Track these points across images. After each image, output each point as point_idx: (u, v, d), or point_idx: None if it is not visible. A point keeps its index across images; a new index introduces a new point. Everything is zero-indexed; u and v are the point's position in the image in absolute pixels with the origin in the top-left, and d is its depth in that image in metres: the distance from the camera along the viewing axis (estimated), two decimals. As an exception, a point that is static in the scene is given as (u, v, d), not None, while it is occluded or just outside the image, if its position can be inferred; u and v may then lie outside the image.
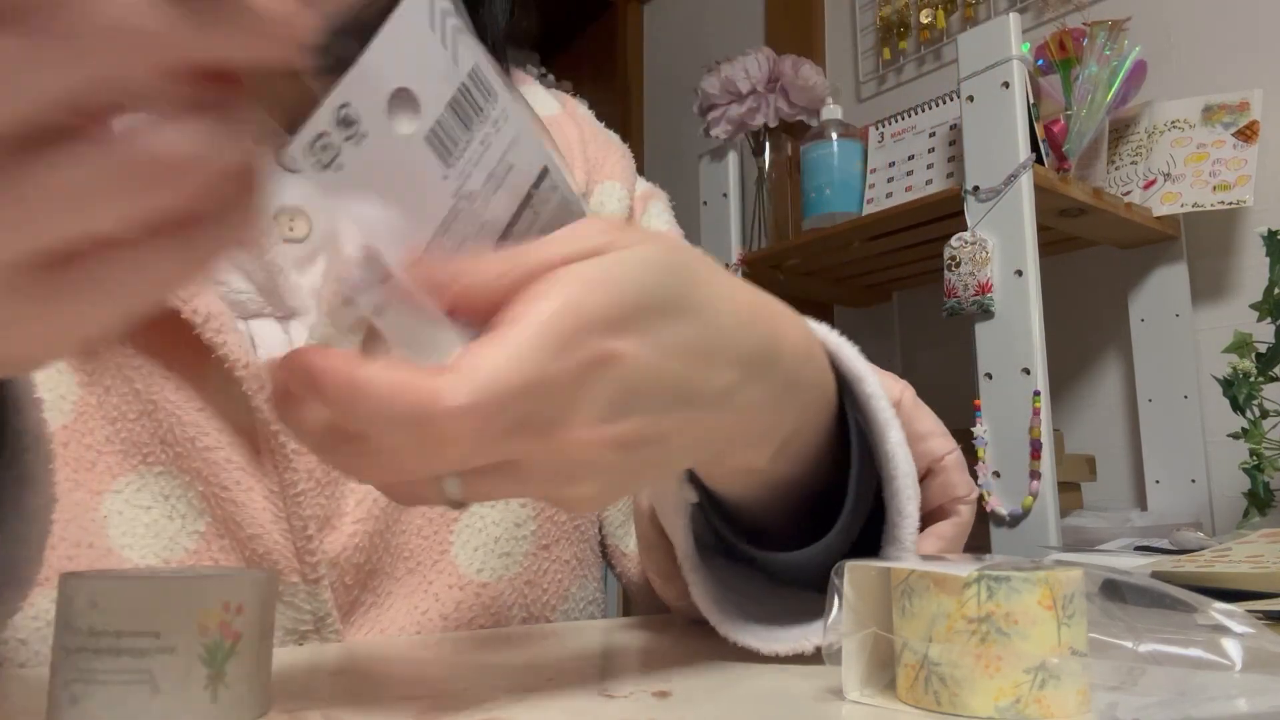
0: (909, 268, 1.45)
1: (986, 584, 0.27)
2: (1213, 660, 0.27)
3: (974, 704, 0.27)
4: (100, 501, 0.42)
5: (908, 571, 0.29)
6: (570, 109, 0.63)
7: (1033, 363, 1.05)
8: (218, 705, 0.26)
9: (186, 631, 0.25)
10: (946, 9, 1.58)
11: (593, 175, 0.59)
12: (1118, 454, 1.32)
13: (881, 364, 0.42)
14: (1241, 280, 1.22)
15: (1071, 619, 0.27)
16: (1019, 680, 0.27)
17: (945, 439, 0.45)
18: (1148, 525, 1.08)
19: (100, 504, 0.42)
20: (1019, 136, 1.07)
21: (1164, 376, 1.23)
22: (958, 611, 0.27)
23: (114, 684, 0.25)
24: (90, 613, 0.25)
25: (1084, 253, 1.34)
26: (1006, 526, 1.05)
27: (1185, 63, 1.27)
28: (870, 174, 1.36)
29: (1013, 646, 0.27)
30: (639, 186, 0.63)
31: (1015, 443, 1.05)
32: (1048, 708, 0.27)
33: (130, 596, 0.25)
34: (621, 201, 0.59)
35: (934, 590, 0.28)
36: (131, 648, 0.25)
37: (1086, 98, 1.14)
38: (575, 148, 0.58)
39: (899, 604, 0.29)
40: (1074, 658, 0.27)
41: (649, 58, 2.34)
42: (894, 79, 1.69)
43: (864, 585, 0.31)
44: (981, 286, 1.07)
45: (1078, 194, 1.12)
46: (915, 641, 0.28)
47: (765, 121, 1.45)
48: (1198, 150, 1.19)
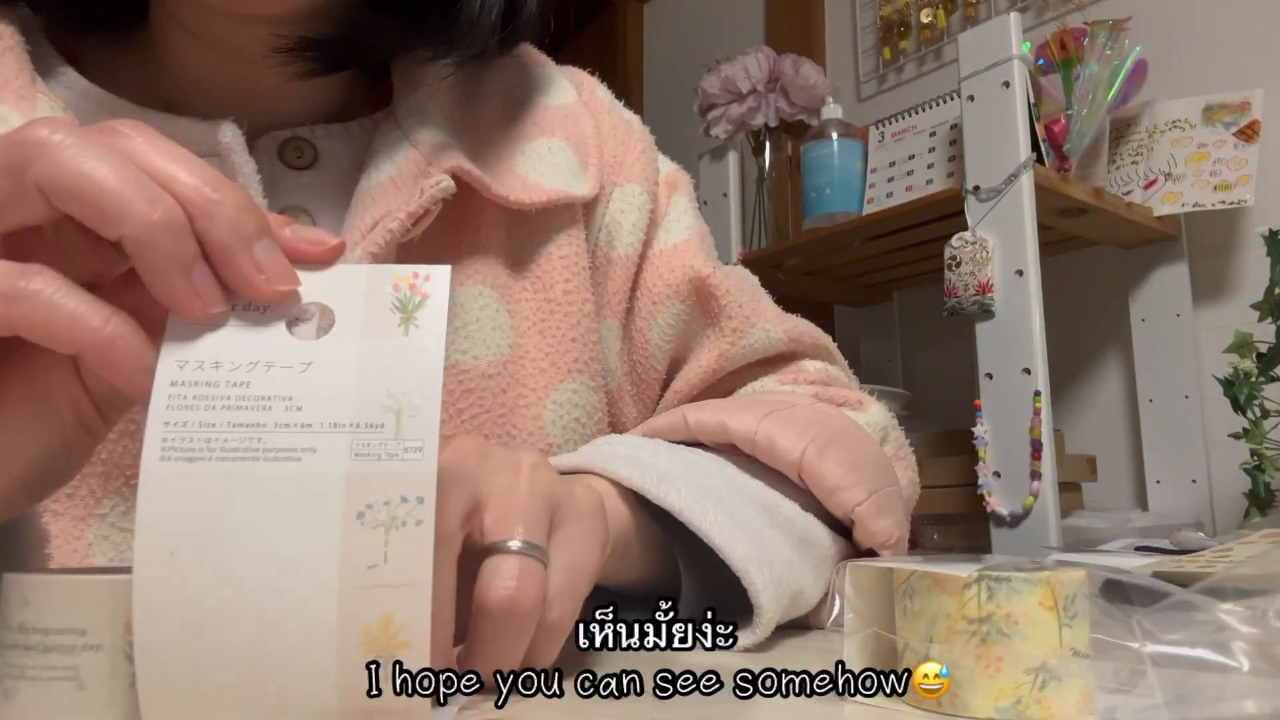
0: (909, 267, 1.44)
1: (987, 584, 0.27)
2: (1219, 662, 0.26)
3: (974, 704, 0.27)
4: (85, 529, 0.41)
5: (909, 572, 0.29)
6: (587, 94, 0.60)
7: (1033, 363, 1.04)
8: None
9: (112, 629, 0.26)
10: (947, 8, 1.58)
11: (609, 177, 0.57)
12: (1118, 454, 1.32)
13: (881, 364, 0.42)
14: (1242, 280, 1.22)
15: (1073, 620, 0.27)
16: (1020, 681, 0.26)
17: (856, 489, 0.46)
18: (1148, 525, 1.07)
19: (85, 531, 0.41)
20: (1019, 136, 1.07)
21: (1165, 376, 1.23)
22: (958, 612, 0.27)
23: (42, 680, 0.25)
24: (22, 610, 0.26)
25: (1085, 252, 1.34)
26: (1007, 527, 1.05)
27: (1186, 62, 1.27)
28: (870, 173, 1.36)
29: (1013, 647, 0.27)
30: (663, 170, 0.61)
31: (1016, 443, 1.05)
32: (1049, 709, 0.26)
33: (58, 594, 0.26)
34: (642, 209, 0.57)
35: (935, 591, 0.28)
36: (59, 644, 0.25)
37: (1087, 97, 1.14)
38: (591, 145, 0.56)
39: (901, 604, 0.29)
40: (1075, 659, 0.27)
41: (649, 57, 2.34)
42: (894, 78, 1.68)
43: (866, 585, 0.31)
44: (982, 286, 1.07)
45: (1078, 194, 1.12)
46: (916, 642, 0.28)
47: (765, 121, 1.45)
48: (1198, 150, 1.19)
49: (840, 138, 1.36)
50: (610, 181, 0.57)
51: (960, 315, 1.10)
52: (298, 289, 0.27)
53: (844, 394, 0.56)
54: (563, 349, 0.53)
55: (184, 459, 0.24)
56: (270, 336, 0.27)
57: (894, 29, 1.66)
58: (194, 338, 0.26)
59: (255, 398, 0.25)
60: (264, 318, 0.27)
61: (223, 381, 0.26)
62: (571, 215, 0.55)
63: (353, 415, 0.25)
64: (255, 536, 0.24)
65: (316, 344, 0.27)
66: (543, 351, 0.52)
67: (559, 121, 0.56)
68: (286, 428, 0.25)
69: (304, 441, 0.25)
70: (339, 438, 0.25)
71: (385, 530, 0.24)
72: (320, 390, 0.26)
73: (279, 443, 0.25)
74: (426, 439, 0.25)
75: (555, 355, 0.52)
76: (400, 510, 0.25)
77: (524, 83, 0.58)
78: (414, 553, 0.25)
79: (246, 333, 0.27)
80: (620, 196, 0.57)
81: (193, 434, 0.25)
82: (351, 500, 0.25)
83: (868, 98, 1.72)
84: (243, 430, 0.25)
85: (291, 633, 0.24)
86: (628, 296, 0.58)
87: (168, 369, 0.26)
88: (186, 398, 0.25)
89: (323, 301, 0.27)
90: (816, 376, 0.59)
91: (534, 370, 0.52)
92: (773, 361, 0.60)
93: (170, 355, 0.26)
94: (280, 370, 0.26)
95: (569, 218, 0.54)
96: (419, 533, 0.25)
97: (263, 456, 0.25)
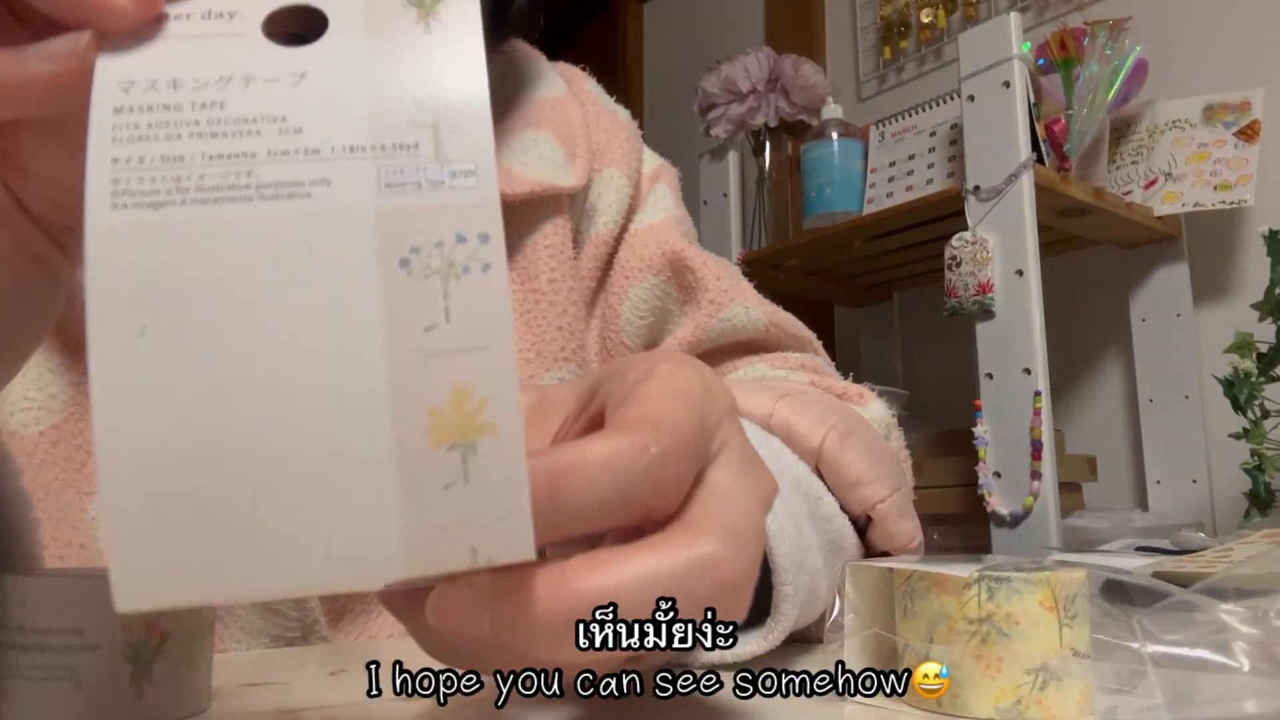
0: (909, 267, 1.44)
1: (987, 585, 0.27)
2: (1220, 662, 0.26)
3: (975, 705, 0.27)
4: (89, 502, 0.41)
5: (909, 572, 0.29)
6: (576, 87, 0.60)
7: (1033, 363, 1.04)
8: (144, 702, 0.26)
9: (109, 629, 0.25)
10: (947, 8, 1.58)
11: (594, 163, 0.57)
12: (1119, 454, 1.32)
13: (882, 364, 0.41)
14: (1243, 280, 1.22)
15: (1074, 620, 0.27)
16: (1020, 682, 0.26)
17: (878, 484, 0.41)
18: (1149, 526, 1.07)
19: (89, 505, 0.41)
20: (1020, 136, 1.07)
21: (1165, 377, 1.23)
22: (958, 612, 0.27)
23: (39, 680, 0.25)
24: (19, 610, 0.25)
25: (1085, 252, 1.34)
26: (1007, 527, 1.05)
27: (1186, 62, 1.27)
28: (871, 173, 1.36)
29: (1014, 648, 0.26)
30: (648, 164, 0.61)
31: (1016, 443, 1.05)
32: (1049, 709, 0.26)
33: (55, 595, 0.26)
34: (621, 192, 0.57)
35: (935, 591, 0.28)
36: (56, 645, 0.25)
37: (1087, 97, 1.14)
38: (579, 134, 0.56)
39: (901, 604, 0.29)
40: (1076, 659, 0.27)
41: (649, 57, 2.34)
42: (894, 78, 1.68)
43: (866, 586, 0.31)
44: (982, 286, 1.07)
45: (1079, 194, 1.11)
46: (917, 642, 0.28)
47: (765, 121, 1.45)
48: (1199, 150, 1.19)
49: (840, 137, 1.36)
50: (594, 167, 0.57)
51: (960, 315, 1.10)
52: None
53: (842, 386, 0.53)
54: (548, 338, 0.53)
55: (146, 205, 0.18)
56: (243, 45, 0.20)
57: (894, 29, 1.66)
58: (138, 52, 0.19)
59: (235, 120, 0.19)
60: (230, 25, 0.20)
61: (187, 104, 0.19)
62: (557, 205, 0.55)
63: (372, 135, 0.19)
64: (257, 302, 0.18)
65: (306, 50, 0.20)
66: (529, 341, 0.52)
67: (547, 114, 0.56)
68: (284, 155, 0.19)
69: (311, 171, 0.19)
70: (360, 164, 0.19)
71: (442, 280, 0.18)
72: (323, 106, 0.19)
73: (276, 175, 0.18)
74: (480, 158, 0.19)
75: (541, 345, 0.52)
76: (459, 253, 0.18)
77: (513, 78, 0.58)
78: (486, 305, 0.18)
79: (209, 44, 0.20)
80: (600, 180, 0.57)
81: (154, 171, 0.18)
82: (389, 244, 0.18)
83: (868, 97, 1.72)
84: (224, 163, 0.18)
85: (325, 430, 0.18)
86: (599, 276, 0.57)
87: (107, 93, 0.19)
88: (139, 126, 0.18)
89: (306, 1, 0.21)
90: (807, 365, 0.57)
91: (519, 360, 0.52)
92: (754, 347, 0.57)
93: (109, 76, 0.19)
94: (264, 85, 0.19)
95: (554, 208, 0.54)
96: (488, 280, 0.18)
97: (256, 195, 0.18)
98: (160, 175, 0.18)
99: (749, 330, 0.56)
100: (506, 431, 0.18)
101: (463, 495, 0.18)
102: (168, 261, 0.18)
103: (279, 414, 0.17)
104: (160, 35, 0.20)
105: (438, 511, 0.18)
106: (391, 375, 0.18)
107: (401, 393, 0.18)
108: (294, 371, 0.18)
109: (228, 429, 0.17)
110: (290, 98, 0.19)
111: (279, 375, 0.18)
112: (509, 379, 0.18)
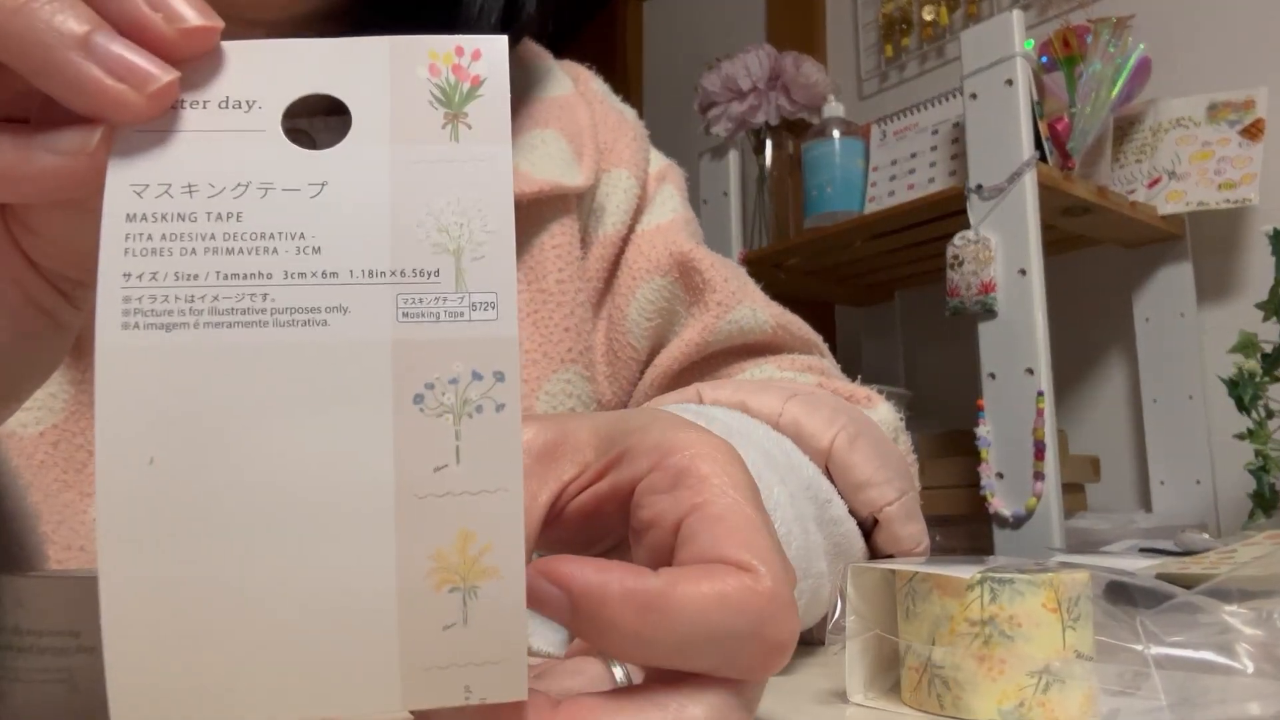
0: (911, 267, 1.44)
1: (990, 586, 0.27)
2: (1224, 664, 0.26)
3: (977, 707, 0.27)
4: (89, 504, 0.41)
5: (911, 574, 0.28)
6: (583, 86, 0.60)
7: (1036, 363, 1.04)
8: None
9: None
10: (949, 5, 1.58)
11: (600, 163, 0.57)
12: (1122, 455, 1.31)
13: (883, 364, 0.41)
14: (1247, 279, 1.21)
15: (1077, 622, 0.27)
16: (1023, 684, 0.26)
17: (886, 487, 0.41)
18: (1152, 527, 1.07)
19: (89, 506, 0.41)
20: (1022, 134, 1.06)
21: (1169, 377, 1.23)
22: (961, 614, 0.27)
23: (34, 682, 0.25)
24: (16, 611, 0.25)
25: (1088, 252, 1.33)
26: (1010, 528, 1.05)
27: (1190, 60, 1.27)
28: (872, 172, 1.35)
29: (1016, 649, 0.26)
30: (654, 164, 0.61)
31: (1019, 443, 1.04)
32: (1052, 711, 0.26)
33: (52, 596, 0.25)
34: (629, 192, 0.57)
35: (937, 593, 0.27)
36: (52, 646, 0.25)
37: (1090, 95, 1.13)
38: (586, 135, 0.56)
39: (903, 606, 0.29)
40: (1078, 661, 0.26)
41: (649, 55, 2.34)
42: (896, 76, 1.68)
43: (868, 588, 0.30)
44: (984, 286, 1.07)
45: (1082, 192, 1.11)
46: (919, 644, 0.28)
47: (766, 119, 1.44)
48: (1203, 148, 1.19)
49: (842, 136, 1.35)
50: (601, 167, 0.57)
51: (963, 315, 1.10)
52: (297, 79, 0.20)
53: (850, 388, 0.54)
54: (555, 339, 0.52)
55: (158, 326, 0.17)
56: (261, 146, 0.19)
57: (896, 26, 1.66)
58: (152, 151, 0.18)
59: (252, 235, 0.18)
60: (249, 119, 0.19)
61: (202, 213, 0.18)
62: (565, 205, 0.54)
63: (393, 260, 0.18)
64: (267, 436, 0.18)
65: (327, 155, 0.19)
66: (535, 342, 0.52)
67: (555, 113, 0.56)
68: (302, 278, 0.18)
69: (329, 297, 0.18)
70: (378, 291, 0.18)
71: (454, 419, 0.18)
72: (343, 223, 0.18)
73: (293, 300, 0.18)
74: (501, 290, 0.19)
75: (548, 345, 0.52)
76: (473, 390, 0.18)
77: (520, 78, 0.58)
78: (497, 447, 0.18)
79: (226, 141, 0.19)
80: (608, 180, 0.57)
81: (167, 289, 0.18)
82: (404, 378, 0.18)
83: (869, 95, 1.72)
84: (239, 283, 0.18)
85: (329, 565, 0.18)
86: (606, 277, 0.57)
87: (120, 197, 0.18)
88: (153, 238, 0.18)
89: (329, 93, 0.19)
90: (814, 367, 0.57)
91: (526, 361, 0.51)
92: (760, 349, 0.57)
93: (121, 177, 0.18)
94: (282, 195, 0.18)
95: (562, 208, 0.54)
96: (501, 421, 0.18)
97: (272, 321, 0.18)
98: (174, 294, 0.18)
99: (756, 332, 0.56)
100: (509, 574, 0.18)
101: (461, 636, 0.18)
102: (178, 389, 0.18)
103: (284, 550, 0.18)
104: (175, 127, 0.19)
105: (436, 651, 0.18)
106: (399, 516, 0.18)
107: (407, 534, 0.18)
108: (301, 508, 0.18)
109: (233, 564, 0.17)
110: (309, 212, 0.18)
111: (286, 511, 0.18)
112: (515, 523, 0.18)
